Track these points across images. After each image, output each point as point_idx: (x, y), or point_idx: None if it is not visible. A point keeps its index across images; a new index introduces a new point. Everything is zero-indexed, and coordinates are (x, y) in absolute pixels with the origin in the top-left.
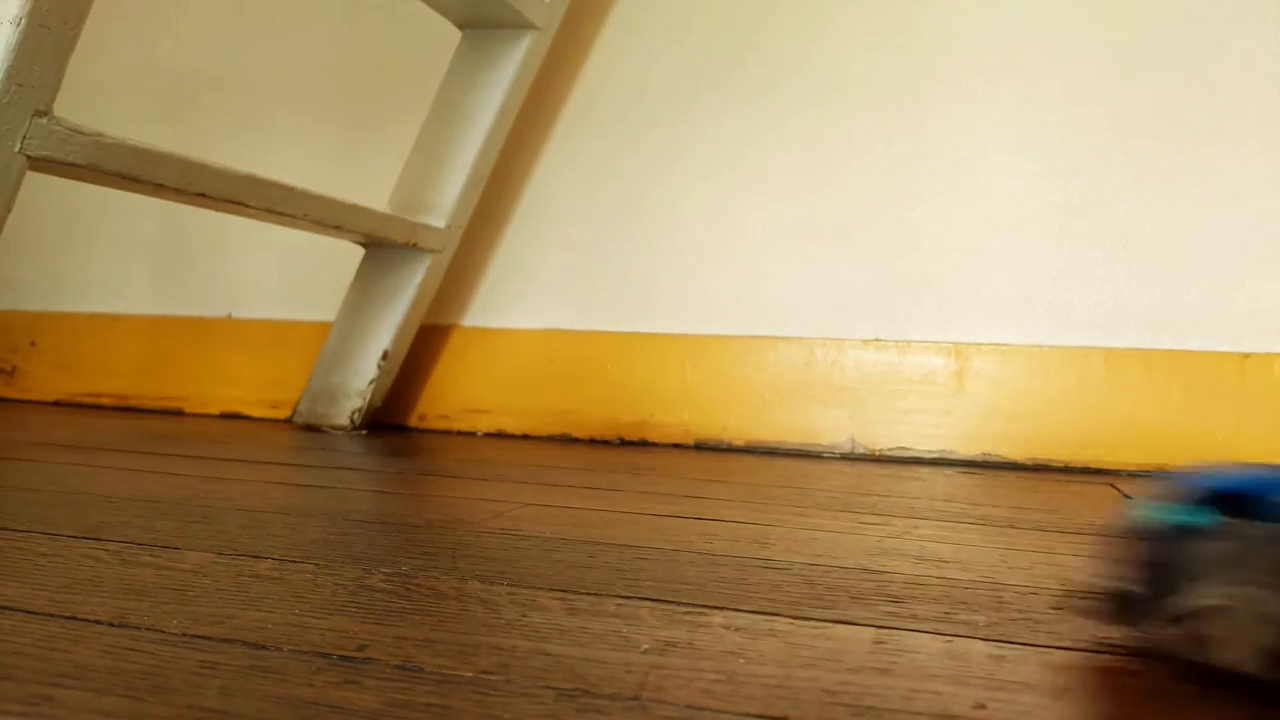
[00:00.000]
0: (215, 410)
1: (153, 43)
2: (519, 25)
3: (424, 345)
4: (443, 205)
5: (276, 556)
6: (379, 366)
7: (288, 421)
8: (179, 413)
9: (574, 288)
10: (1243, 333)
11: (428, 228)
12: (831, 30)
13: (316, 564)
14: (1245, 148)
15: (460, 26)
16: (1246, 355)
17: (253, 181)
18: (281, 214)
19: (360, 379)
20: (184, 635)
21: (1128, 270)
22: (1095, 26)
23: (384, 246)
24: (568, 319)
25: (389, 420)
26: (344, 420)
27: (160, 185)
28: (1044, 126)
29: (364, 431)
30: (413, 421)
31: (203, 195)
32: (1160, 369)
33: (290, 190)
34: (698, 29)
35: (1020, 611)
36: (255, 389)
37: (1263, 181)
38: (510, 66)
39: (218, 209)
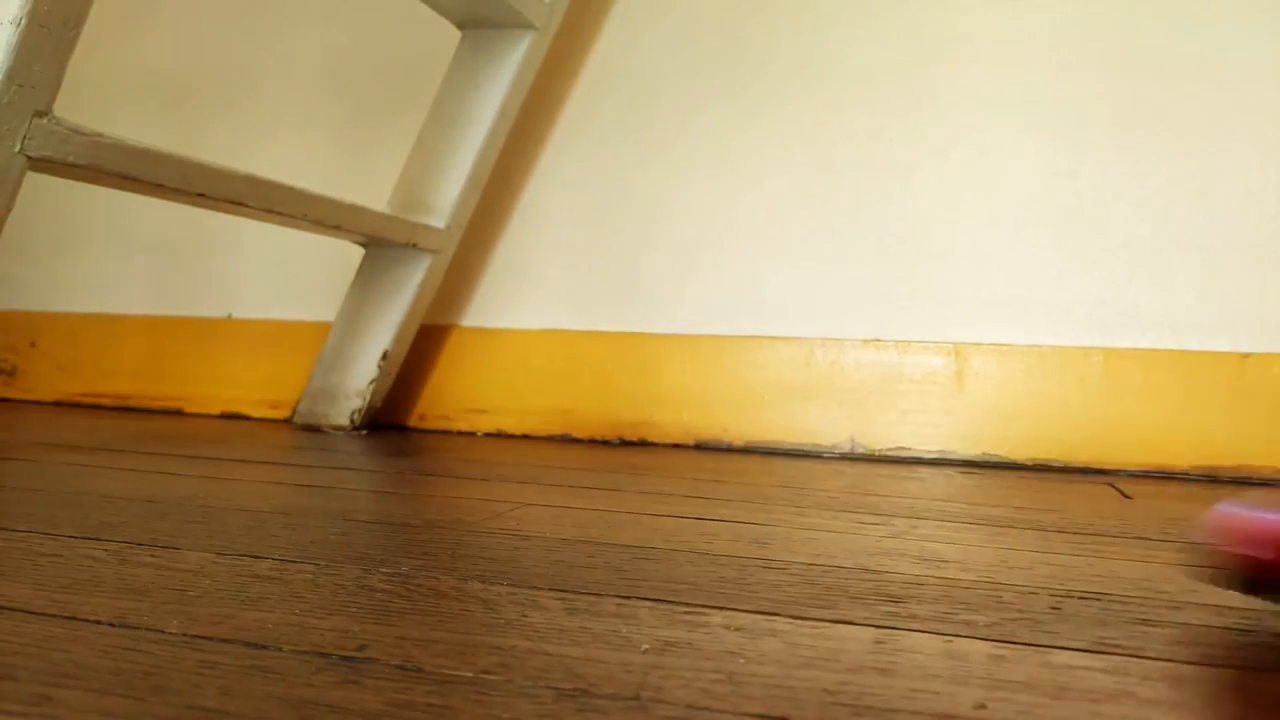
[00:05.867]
0: (215, 410)
1: (153, 42)
2: (519, 25)
3: (424, 345)
4: (442, 205)
5: (276, 556)
6: (379, 366)
7: (287, 421)
8: (179, 413)
9: (574, 288)
10: (1242, 333)
11: (427, 228)
12: (833, 31)
13: (316, 564)
14: (1245, 148)
15: (460, 26)
16: (1246, 355)
17: (252, 181)
18: (281, 214)
19: (360, 379)
20: (184, 635)
21: (1128, 270)
22: (1095, 26)
23: (384, 246)
24: (567, 319)
25: (389, 420)
26: (344, 420)
27: (160, 185)
28: (1044, 126)
29: (364, 431)
30: (413, 422)
31: (202, 195)
32: (1160, 369)
33: (290, 190)
34: (698, 29)
35: (1020, 611)
36: (255, 389)
37: (1262, 182)
38: (510, 67)
39: (217, 209)
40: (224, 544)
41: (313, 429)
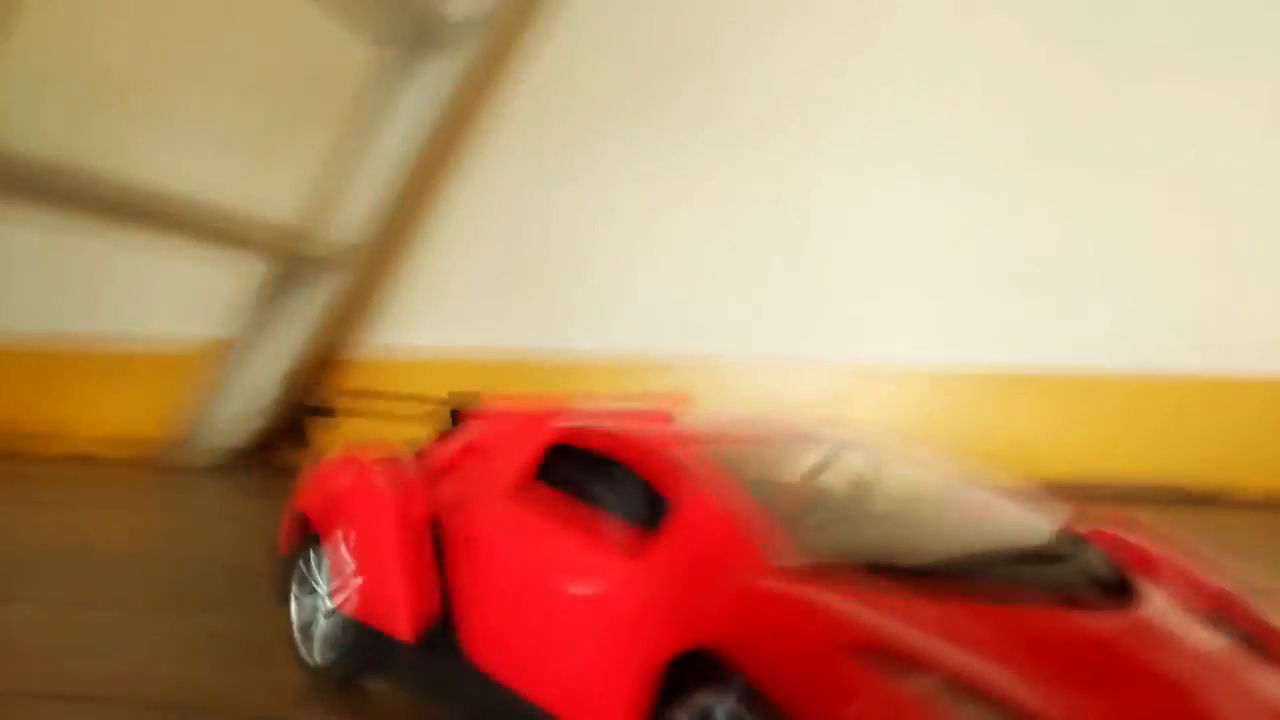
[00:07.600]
0: (78, 447)
1: (66, 42)
2: (438, 46)
3: (324, 373)
4: (353, 221)
5: (119, 604)
6: (278, 391)
7: (162, 455)
8: (31, 454)
9: (487, 307)
10: (1113, 349)
11: (336, 244)
12: (747, 64)
13: (164, 610)
14: (1119, 178)
15: (379, 45)
16: (1115, 373)
17: (146, 194)
18: (180, 229)
19: (255, 405)
20: (12, 692)
21: (1038, 296)
22: (1014, 63)
23: (289, 261)
24: (478, 337)
25: (276, 455)
26: (230, 449)
27: (47, 198)
28: (959, 160)
29: (246, 461)
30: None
31: (84, 210)
32: (1039, 389)
33: (187, 203)
34: (618, 61)
35: None
36: (127, 422)
37: (1147, 207)
38: (428, 86)
39: (105, 227)
40: (65, 595)
41: (193, 457)
